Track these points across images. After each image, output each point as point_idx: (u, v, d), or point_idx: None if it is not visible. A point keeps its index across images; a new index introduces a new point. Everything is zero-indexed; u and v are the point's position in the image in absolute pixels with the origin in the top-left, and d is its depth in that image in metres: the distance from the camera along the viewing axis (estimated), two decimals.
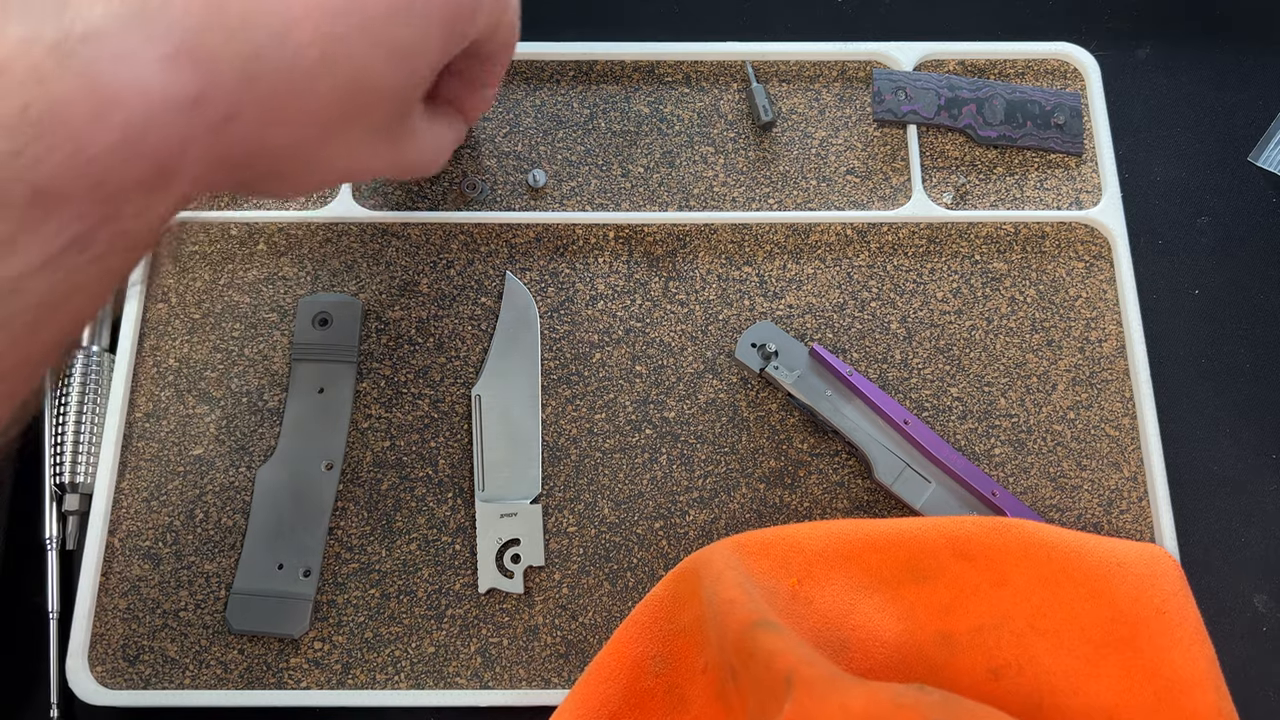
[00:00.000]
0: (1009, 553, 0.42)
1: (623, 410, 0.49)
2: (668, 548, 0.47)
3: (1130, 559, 0.42)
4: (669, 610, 0.41)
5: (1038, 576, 0.41)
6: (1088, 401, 0.49)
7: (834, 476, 0.48)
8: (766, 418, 0.49)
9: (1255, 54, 0.57)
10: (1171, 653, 0.40)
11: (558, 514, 0.47)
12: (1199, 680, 0.39)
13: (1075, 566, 0.41)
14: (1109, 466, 0.48)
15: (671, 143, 0.53)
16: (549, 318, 0.50)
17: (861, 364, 0.49)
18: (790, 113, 0.54)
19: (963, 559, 0.42)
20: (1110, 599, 0.41)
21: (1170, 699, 0.39)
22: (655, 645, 0.41)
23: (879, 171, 0.53)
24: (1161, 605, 0.41)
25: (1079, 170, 0.53)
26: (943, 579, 0.42)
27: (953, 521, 0.43)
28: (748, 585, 0.39)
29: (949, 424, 0.48)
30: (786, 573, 0.41)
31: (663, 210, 0.52)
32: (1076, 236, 0.52)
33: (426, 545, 0.47)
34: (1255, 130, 0.55)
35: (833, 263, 0.51)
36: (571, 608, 0.46)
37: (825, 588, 0.42)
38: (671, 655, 0.41)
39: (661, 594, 0.41)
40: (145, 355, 0.49)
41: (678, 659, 0.41)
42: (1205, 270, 0.52)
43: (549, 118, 0.54)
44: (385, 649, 0.45)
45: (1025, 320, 0.50)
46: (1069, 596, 0.41)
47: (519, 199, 0.52)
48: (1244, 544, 0.48)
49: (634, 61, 0.55)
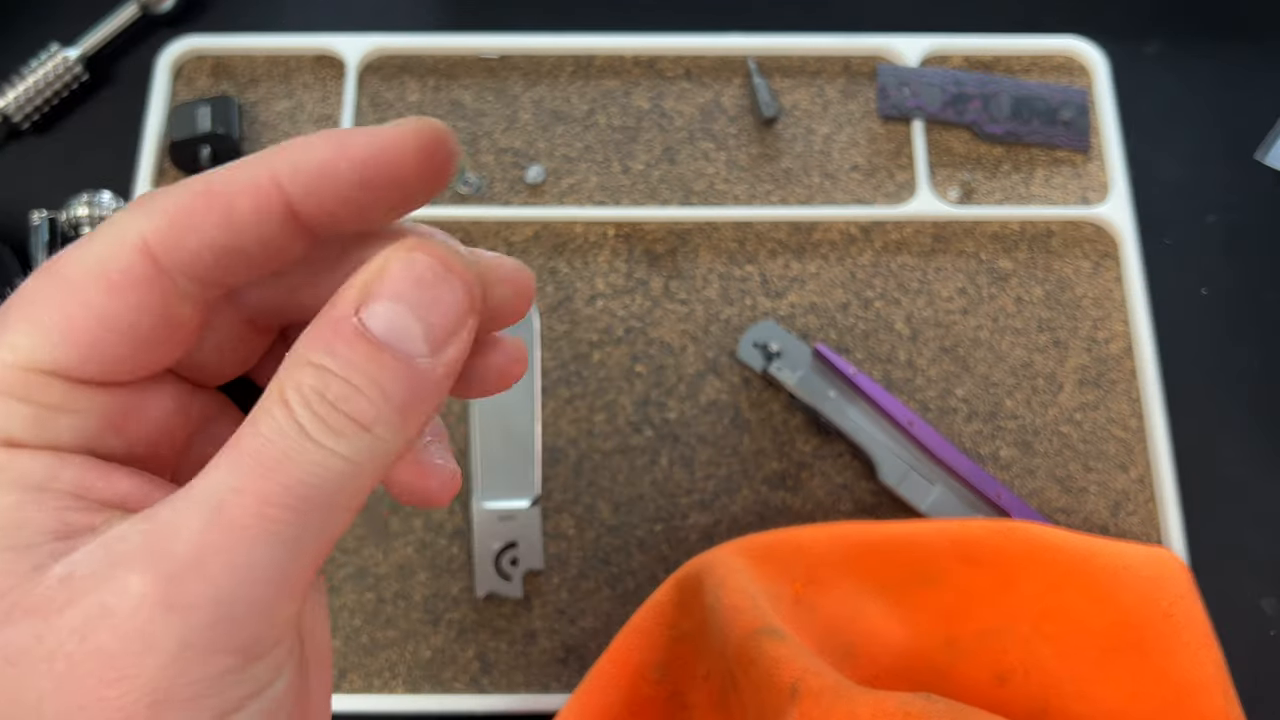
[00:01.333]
0: (1015, 556, 0.41)
1: (622, 411, 0.48)
2: (668, 551, 0.46)
3: (1137, 562, 0.41)
4: (671, 616, 0.40)
5: (1044, 580, 0.41)
6: (1095, 402, 0.48)
7: (837, 478, 0.47)
8: (769, 419, 0.48)
9: (1265, 50, 0.56)
10: (1179, 657, 0.39)
11: (556, 517, 0.46)
12: (1206, 684, 0.39)
13: (1082, 570, 0.41)
14: (1116, 468, 0.47)
15: (672, 138, 0.52)
16: (547, 316, 0.49)
17: (865, 364, 0.49)
18: (793, 108, 0.53)
19: (968, 563, 0.41)
20: (1117, 603, 0.40)
21: (1177, 704, 0.39)
22: (656, 652, 0.40)
23: (883, 168, 0.52)
24: (1169, 609, 0.40)
25: (1086, 167, 0.52)
26: (948, 583, 0.41)
27: (958, 524, 0.42)
28: (751, 591, 0.38)
29: (954, 425, 0.48)
30: (790, 577, 0.41)
31: (663, 207, 0.51)
32: (1084, 234, 0.51)
33: (423, 549, 0.46)
34: (1265, 127, 0.54)
35: (836, 261, 0.50)
36: (570, 612, 0.45)
37: (830, 592, 0.41)
38: (673, 662, 0.40)
39: (663, 600, 0.41)
40: None
41: (679, 666, 0.40)
42: (1214, 269, 0.52)
43: (547, 112, 0.53)
44: (381, 653, 0.45)
45: (1032, 319, 0.49)
46: (1075, 600, 0.41)
47: (516, 195, 0.51)
48: (1253, 547, 0.47)
49: (634, 55, 0.54)
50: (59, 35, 0.54)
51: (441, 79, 0.53)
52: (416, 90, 0.53)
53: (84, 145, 0.54)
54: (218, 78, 0.54)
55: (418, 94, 0.53)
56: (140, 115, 0.53)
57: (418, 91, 0.53)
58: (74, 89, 0.54)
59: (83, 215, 0.49)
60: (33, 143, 0.54)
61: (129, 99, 0.54)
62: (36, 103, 0.53)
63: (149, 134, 0.52)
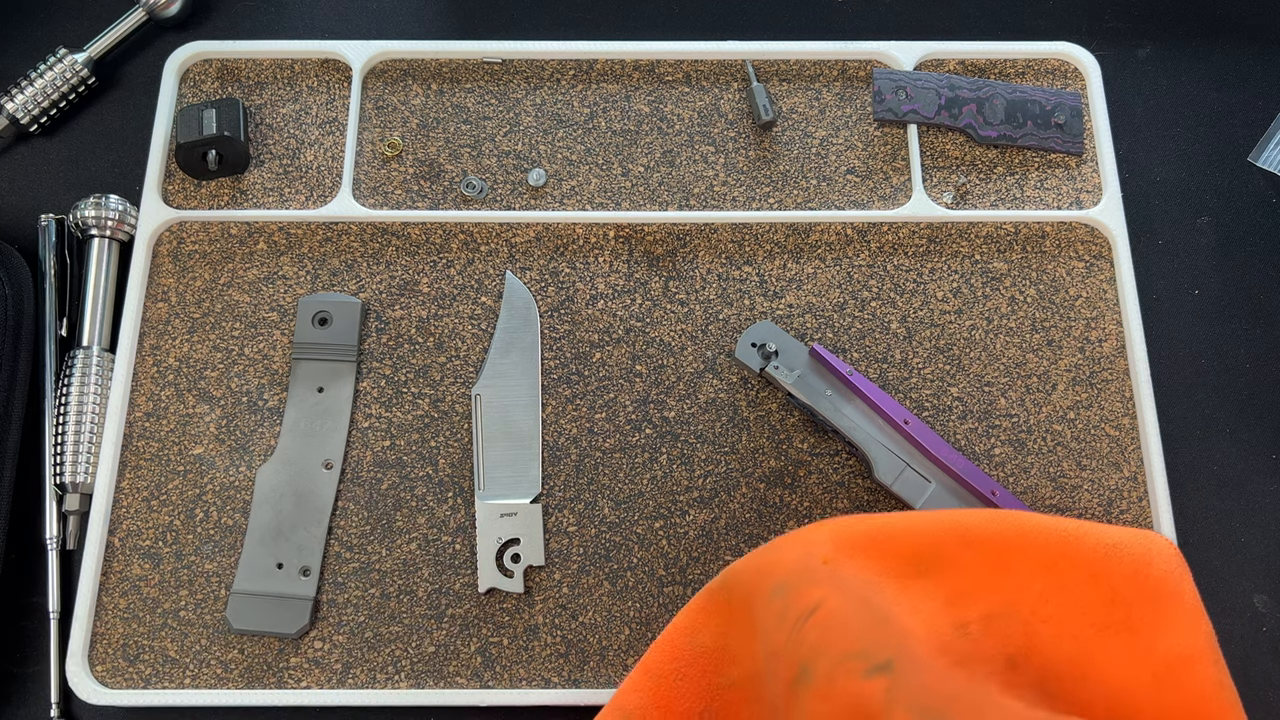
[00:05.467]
0: (1008, 539, 0.42)
1: (623, 410, 0.49)
2: (668, 547, 0.47)
3: (1125, 541, 0.42)
4: (717, 663, 0.41)
5: (1037, 561, 0.41)
6: (1088, 401, 0.49)
7: (834, 476, 0.48)
8: (766, 417, 0.49)
9: (1256, 54, 0.56)
10: (1170, 630, 0.40)
11: (558, 513, 0.47)
12: (1199, 655, 0.39)
13: (1073, 550, 0.41)
14: (1109, 466, 0.48)
15: (672, 142, 0.53)
16: (549, 317, 0.50)
17: (861, 364, 0.49)
18: (790, 112, 0.54)
19: (967, 546, 0.42)
20: (1108, 580, 0.41)
21: (1172, 676, 0.39)
22: (704, 700, 0.41)
23: (879, 171, 0.53)
24: (1158, 584, 0.41)
25: (1079, 170, 0.53)
26: (948, 569, 0.42)
27: (953, 512, 0.43)
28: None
29: (949, 424, 0.48)
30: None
31: (663, 210, 0.52)
32: (1077, 236, 0.52)
33: (426, 545, 0.47)
34: (1255, 130, 0.55)
35: (833, 262, 0.51)
36: (571, 607, 0.46)
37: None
38: (722, 710, 0.41)
39: (709, 644, 0.41)
40: (145, 355, 0.49)
41: (728, 713, 0.41)
42: (1205, 270, 0.52)
43: (549, 117, 0.54)
44: (385, 648, 0.45)
45: (1025, 320, 0.50)
46: (1068, 580, 0.41)
47: (519, 198, 0.52)
48: (1244, 544, 0.48)
49: (634, 61, 0.55)
50: (67, 40, 0.55)
51: (445, 83, 0.54)
52: (420, 95, 0.54)
53: (91, 149, 0.54)
54: (224, 82, 0.54)
55: (421, 98, 0.54)
56: (147, 119, 0.54)
57: (421, 96, 0.54)
58: (81, 93, 0.54)
59: (90, 218, 0.50)
60: (41, 146, 0.54)
61: (136, 103, 0.55)
62: (44, 106, 0.53)
63: (156, 137, 0.53)
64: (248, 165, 0.53)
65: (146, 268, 0.51)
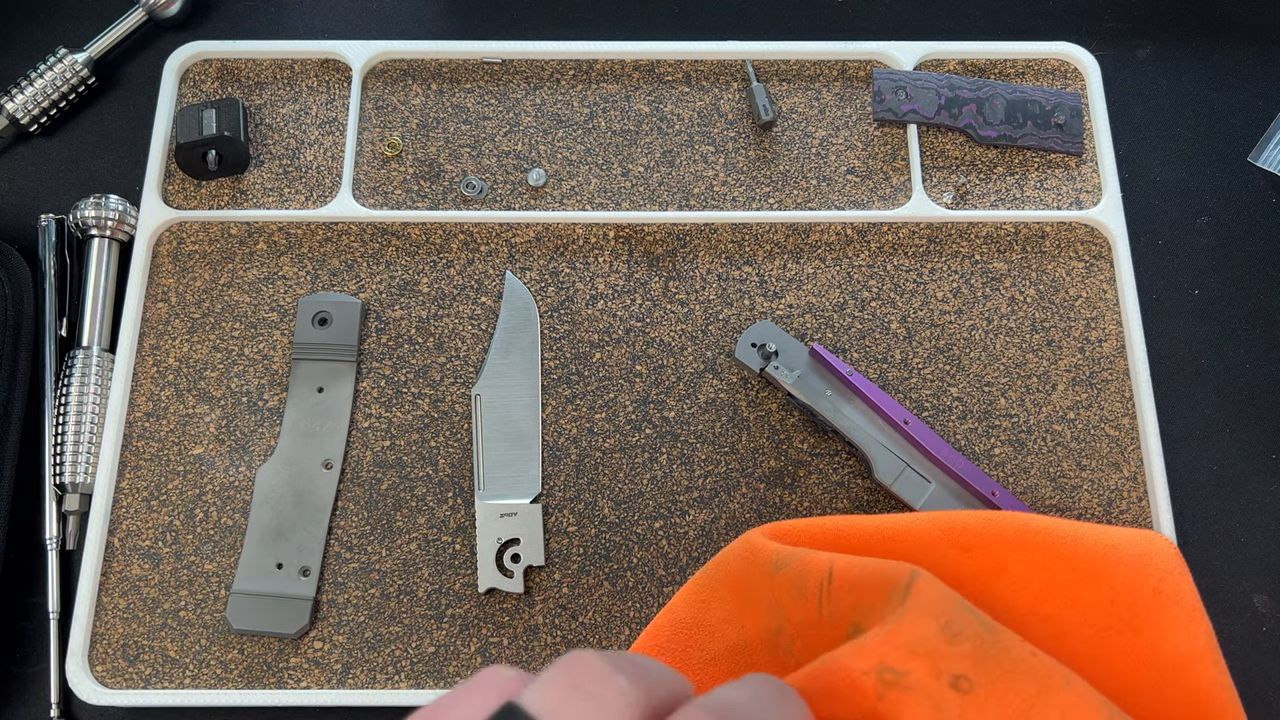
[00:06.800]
0: (1004, 541, 0.42)
1: (623, 410, 0.49)
2: (667, 547, 0.47)
3: (1124, 541, 0.41)
4: (697, 637, 0.41)
5: (1035, 563, 0.41)
6: (1087, 401, 0.49)
7: (834, 476, 0.48)
8: (766, 417, 0.49)
9: (1255, 54, 0.57)
10: (1170, 631, 0.40)
11: (558, 514, 0.47)
12: (1199, 656, 0.39)
13: (1071, 551, 0.41)
14: (1109, 466, 0.48)
15: (671, 142, 0.53)
16: (549, 317, 0.50)
17: (861, 364, 0.49)
18: (790, 112, 0.54)
19: (959, 550, 0.42)
20: (1108, 582, 0.41)
21: (1172, 678, 0.39)
22: (682, 673, 0.41)
23: (879, 171, 0.53)
24: (1158, 585, 0.40)
25: (1079, 170, 0.53)
26: (941, 571, 0.42)
27: (946, 514, 0.43)
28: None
29: (949, 424, 0.48)
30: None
31: (663, 210, 0.52)
32: (1076, 236, 0.52)
33: (426, 545, 0.47)
34: (1255, 130, 0.55)
35: (833, 262, 0.51)
36: (571, 607, 0.46)
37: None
38: (702, 685, 0.41)
39: (687, 619, 0.41)
40: (145, 355, 0.49)
41: (706, 687, 0.41)
42: (1205, 270, 0.52)
43: (549, 117, 0.54)
44: (385, 648, 0.45)
45: (1025, 320, 0.50)
46: (1067, 581, 0.41)
47: (519, 198, 0.52)
48: (1244, 544, 0.48)
49: (634, 61, 0.55)
50: (67, 40, 0.55)
51: (445, 84, 0.54)
52: (420, 95, 0.54)
53: (91, 149, 0.54)
54: (224, 82, 0.54)
55: (421, 98, 0.54)
56: (147, 119, 0.54)
57: (421, 96, 0.54)
58: (81, 93, 0.54)
59: (90, 218, 0.50)
60: (41, 146, 0.54)
61: (136, 103, 0.55)
62: (44, 106, 0.53)
63: (156, 137, 0.53)
64: (248, 165, 0.53)
65: (146, 268, 0.51)
